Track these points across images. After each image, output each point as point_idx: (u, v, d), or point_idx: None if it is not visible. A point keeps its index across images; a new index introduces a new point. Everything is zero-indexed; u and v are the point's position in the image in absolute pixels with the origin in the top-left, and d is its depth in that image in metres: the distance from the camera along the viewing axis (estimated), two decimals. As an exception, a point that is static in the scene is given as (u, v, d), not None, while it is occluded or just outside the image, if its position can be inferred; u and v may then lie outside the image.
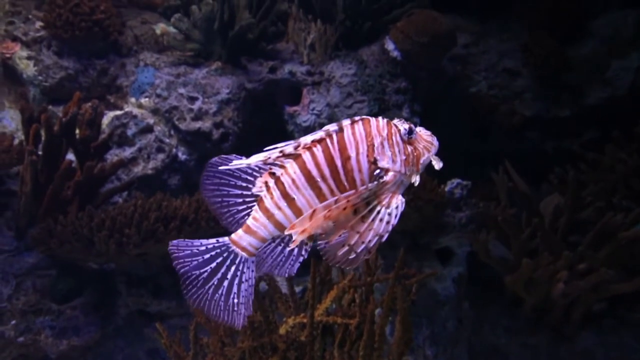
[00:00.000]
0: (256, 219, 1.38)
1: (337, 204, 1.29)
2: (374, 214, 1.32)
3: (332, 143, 1.32)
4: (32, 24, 4.11)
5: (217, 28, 3.80)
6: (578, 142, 4.05)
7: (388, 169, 1.33)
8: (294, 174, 1.33)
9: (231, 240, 1.41)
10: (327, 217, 1.29)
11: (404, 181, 1.37)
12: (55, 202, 3.12)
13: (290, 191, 1.34)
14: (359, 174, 1.33)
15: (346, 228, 1.32)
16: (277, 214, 1.36)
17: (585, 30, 4.26)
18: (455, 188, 3.35)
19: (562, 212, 3.37)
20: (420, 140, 1.38)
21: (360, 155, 1.33)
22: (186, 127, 3.68)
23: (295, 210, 1.34)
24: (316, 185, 1.33)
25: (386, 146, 1.33)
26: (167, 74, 3.83)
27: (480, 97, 4.09)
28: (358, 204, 1.31)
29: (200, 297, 1.43)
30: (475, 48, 4.22)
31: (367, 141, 1.33)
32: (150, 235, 2.77)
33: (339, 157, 1.32)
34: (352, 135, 1.33)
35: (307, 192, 1.33)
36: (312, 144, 1.32)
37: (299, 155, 1.33)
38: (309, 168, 1.32)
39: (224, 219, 1.43)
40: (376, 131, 1.34)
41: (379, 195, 1.33)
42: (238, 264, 1.41)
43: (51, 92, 3.92)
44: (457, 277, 3.34)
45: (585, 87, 4.11)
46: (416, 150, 1.37)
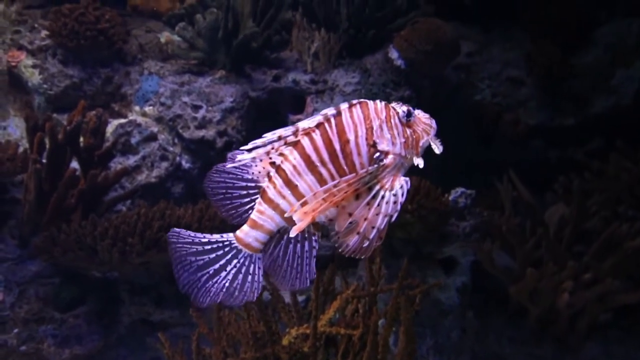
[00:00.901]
0: (261, 211, 1.35)
1: (337, 187, 1.27)
2: (379, 199, 1.30)
3: (331, 127, 1.31)
4: (37, 32, 4.14)
5: (221, 37, 3.81)
6: (582, 151, 4.03)
7: (387, 152, 1.32)
8: (294, 160, 1.32)
9: (236, 237, 1.38)
10: (329, 202, 1.28)
11: (404, 164, 1.35)
12: (58, 211, 3.13)
13: (292, 178, 1.32)
14: (358, 158, 1.32)
15: (351, 212, 1.30)
16: (282, 203, 1.33)
17: (589, 38, 4.26)
18: (459, 197, 3.34)
19: (567, 221, 3.35)
20: (419, 123, 1.37)
21: (359, 139, 1.32)
22: (190, 135, 3.69)
23: (299, 197, 1.32)
24: (316, 171, 1.32)
25: (385, 129, 1.33)
26: (171, 83, 3.84)
27: (484, 105, 4.08)
28: (359, 188, 1.30)
29: (192, 284, 1.41)
30: (479, 57, 4.22)
31: (366, 124, 1.32)
32: (153, 244, 2.77)
33: (337, 141, 1.31)
34: (350, 118, 1.32)
35: (308, 178, 1.32)
36: (310, 129, 1.31)
37: (297, 141, 1.32)
38: (308, 153, 1.31)
39: (232, 218, 1.41)
40: (374, 114, 1.33)
41: (379, 178, 1.32)
42: (240, 259, 1.39)
43: (56, 100, 3.94)
44: (461, 287, 3.32)
45: (589, 95, 4.10)
46: (415, 133, 1.36)
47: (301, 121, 1.33)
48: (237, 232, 1.39)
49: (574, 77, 4.09)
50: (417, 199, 2.95)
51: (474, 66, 4.18)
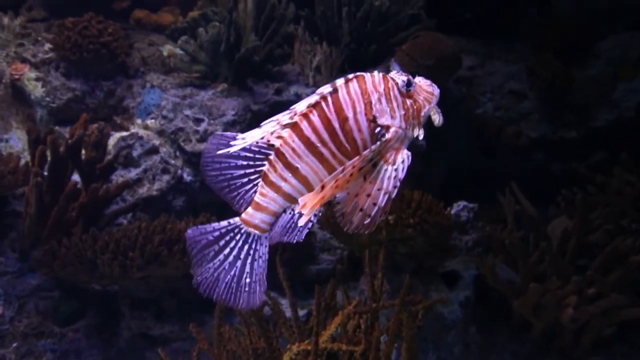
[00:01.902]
0: (264, 194, 1.34)
1: (344, 172, 1.24)
2: (382, 173, 1.28)
3: (328, 105, 1.28)
4: (41, 45, 4.17)
5: (224, 50, 3.83)
6: (585, 164, 4.02)
7: (388, 126, 1.29)
8: (293, 143, 1.29)
9: (242, 220, 1.37)
10: (338, 187, 1.25)
11: (407, 136, 1.32)
12: (59, 224, 3.12)
13: (292, 161, 1.30)
14: (359, 134, 1.29)
15: (359, 194, 1.28)
16: (284, 186, 1.32)
17: (591, 52, 4.27)
18: (461, 211, 3.33)
19: (571, 235, 3.33)
20: (420, 91, 1.34)
21: (358, 115, 1.28)
22: (192, 148, 3.68)
23: (300, 178, 1.31)
24: (317, 151, 1.29)
25: (384, 102, 1.29)
26: (173, 96, 3.85)
27: (486, 118, 4.08)
28: (365, 168, 1.27)
29: (213, 284, 1.39)
30: (481, 70, 4.23)
31: (364, 99, 1.29)
32: (153, 258, 2.76)
33: (336, 120, 1.28)
34: (347, 94, 1.29)
35: (309, 159, 1.29)
36: (308, 109, 1.28)
37: (295, 124, 1.29)
38: (307, 135, 1.28)
39: (234, 202, 1.39)
40: (372, 87, 1.30)
41: (383, 154, 1.29)
42: (251, 243, 1.38)
43: (58, 113, 3.95)
44: (463, 301, 3.29)
45: (592, 108, 4.10)
46: (416, 103, 1.33)
47: (298, 103, 1.30)
48: (242, 215, 1.37)
49: (576, 90, 4.09)
50: (419, 213, 2.93)
51: (476, 79, 4.19)
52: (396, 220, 2.92)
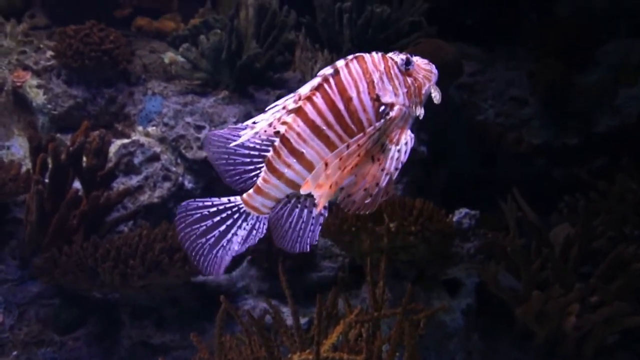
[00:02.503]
0: (266, 180, 1.33)
1: (348, 150, 1.23)
2: (386, 153, 1.28)
3: (331, 87, 1.27)
4: (43, 53, 4.18)
5: (225, 57, 3.83)
6: (587, 170, 4.01)
7: (392, 104, 1.29)
8: (298, 128, 1.28)
9: (243, 200, 1.37)
10: (344, 168, 1.24)
11: (410, 114, 1.32)
12: (60, 231, 3.12)
13: (297, 146, 1.28)
14: (364, 114, 1.28)
15: (364, 175, 1.26)
16: (287, 172, 1.31)
17: (592, 58, 4.27)
18: (463, 218, 3.32)
19: (573, 242, 3.31)
20: (419, 70, 1.34)
21: (362, 94, 1.28)
22: (193, 155, 3.68)
23: (305, 164, 1.29)
24: (323, 134, 1.27)
25: (386, 80, 1.29)
26: (174, 103, 3.86)
27: (487, 125, 4.08)
28: (371, 148, 1.26)
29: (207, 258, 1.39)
30: (482, 76, 4.23)
31: (366, 78, 1.28)
32: (154, 266, 2.75)
33: (340, 101, 1.27)
34: (349, 75, 1.28)
35: (315, 143, 1.28)
36: (311, 92, 1.27)
37: (299, 108, 1.27)
38: (312, 118, 1.27)
39: (236, 184, 1.39)
40: (373, 67, 1.29)
41: (388, 133, 1.28)
42: (249, 221, 1.38)
43: (60, 120, 3.95)
44: (465, 309, 3.28)
45: (593, 115, 4.10)
46: (417, 81, 1.32)
47: (301, 87, 1.29)
48: (243, 195, 1.37)
49: (577, 96, 4.08)
50: (421, 220, 2.92)
51: (477, 86, 4.19)
52: (398, 228, 2.91)
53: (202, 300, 3.30)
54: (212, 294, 3.34)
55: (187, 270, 2.84)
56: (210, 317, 2.96)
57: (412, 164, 3.68)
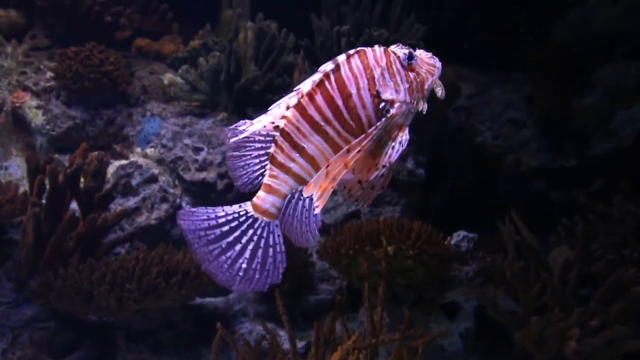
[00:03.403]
0: (274, 176, 1.32)
1: (351, 153, 1.23)
2: (382, 149, 1.28)
3: (330, 83, 1.27)
4: (43, 74, 4.20)
5: (224, 80, 3.86)
6: (585, 192, 4.01)
7: (393, 101, 1.28)
8: (297, 122, 1.28)
9: (253, 204, 1.34)
10: (346, 167, 1.24)
11: (411, 110, 1.30)
12: (56, 254, 3.09)
13: (298, 140, 1.28)
14: (363, 110, 1.27)
15: (362, 170, 1.27)
16: (293, 167, 1.30)
17: (589, 80, 4.30)
18: (461, 241, 3.31)
19: (572, 265, 3.29)
20: (422, 64, 1.32)
21: (362, 91, 1.27)
22: (191, 177, 3.68)
23: (308, 159, 1.29)
24: (322, 130, 1.27)
25: (387, 76, 1.28)
26: (173, 124, 3.87)
27: (485, 147, 4.09)
28: (372, 147, 1.26)
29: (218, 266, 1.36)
30: (480, 98, 4.26)
31: (367, 74, 1.27)
32: (151, 290, 2.73)
33: (339, 97, 1.26)
34: (349, 71, 1.27)
35: (314, 139, 1.28)
36: (312, 89, 1.27)
37: (298, 103, 1.27)
38: (311, 113, 1.27)
39: (244, 186, 1.38)
40: (374, 62, 1.28)
41: (388, 131, 1.28)
42: (257, 228, 1.35)
43: (58, 141, 3.96)
44: (464, 333, 3.25)
45: (590, 137, 4.11)
46: (419, 76, 1.30)
47: (302, 83, 1.29)
48: (253, 200, 1.35)
49: (574, 119, 4.10)
50: (419, 244, 2.91)
51: (475, 108, 4.21)
52: (395, 252, 2.89)
53: (199, 323, 3.27)
54: (208, 317, 3.31)
55: (184, 294, 2.82)
56: (207, 340, 2.92)
57: (410, 186, 3.68)
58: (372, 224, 3.06)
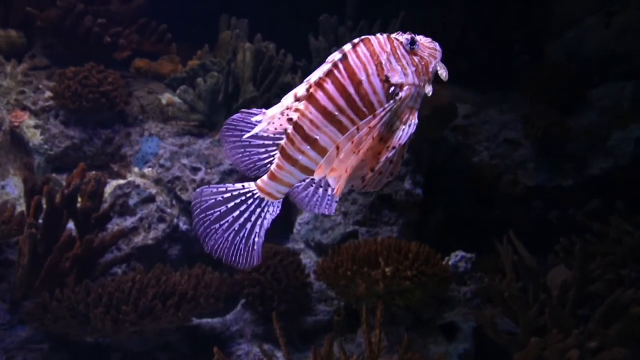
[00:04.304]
0: (280, 167, 1.34)
1: (360, 133, 1.24)
2: (393, 133, 1.29)
3: (340, 72, 1.28)
4: (42, 93, 4.21)
5: (222, 100, 3.88)
6: (582, 212, 4.02)
7: (402, 84, 1.29)
8: (310, 115, 1.28)
9: (257, 186, 1.39)
10: (358, 151, 1.24)
11: (420, 93, 1.32)
12: (52, 275, 3.07)
13: (311, 133, 1.29)
14: (374, 96, 1.29)
15: (375, 159, 1.28)
16: (301, 159, 1.32)
17: (585, 101, 4.34)
18: (459, 262, 3.30)
19: (571, 286, 3.28)
20: (424, 49, 1.34)
21: (371, 77, 1.29)
22: (188, 197, 3.68)
23: (319, 150, 1.30)
24: (336, 120, 1.28)
25: (393, 61, 1.30)
26: (171, 145, 3.88)
27: (482, 167, 4.10)
28: (382, 130, 1.27)
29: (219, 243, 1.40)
30: (477, 118, 4.28)
31: (374, 61, 1.29)
32: (147, 312, 2.70)
33: (350, 85, 1.28)
34: (357, 59, 1.29)
35: (328, 130, 1.29)
36: (322, 79, 1.28)
37: (310, 95, 1.28)
38: (324, 104, 1.28)
39: (250, 172, 1.41)
40: (380, 49, 1.30)
41: (399, 114, 1.29)
42: (264, 207, 1.40)
43: (56, 160, 3.96)
44: (463, 354, 3.22)
45: (587, 157, 4.13)
46: (423, 60, 1.33)
47: (311, 74, 1.31)
48: (257, 182, 1.38)
49: (571, 139, 4.12)
50: (417, 265, 2.90)
51: (472, 128, 4.23)
52: (394, 273, 2.88)
53: (196, 345, 3.24)
54: (205, 338, 3.28)
55: (181, 316, 2.80)
56: (203, 364, 2.89)
57: (408, 206, 3.68)
58: (370, 245, 3.05)
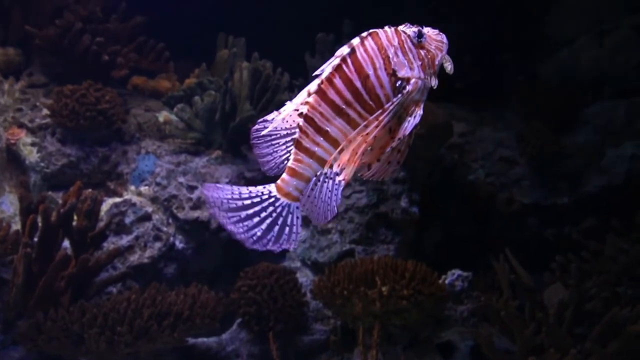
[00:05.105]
0: (299, 160, 1.36)
1: (368, 128, 1.28)
2: (401, 124, 1.32)
3: (348, 66, 1.31)
4: (39, 111, 4.22)
5: (219, 118, 3.89)
6: (578, 230, 4.03)
7: (409, 78, 1.32)
8: (320, 107, 1.32)
9: (277, 186, 1.40)
10: (365, 143, 1.28)
11: (426, 86, 1.35)
12: (47, 294, 3.05)
13: (322, 125, 1.33)
14: (381, 90, 1.32)
15: (382, 150, 1.31)
16: (317, 151, 1.35)
17: (579, 119, 4.38)
18: (456, 280, 3.30)
19: (567, 305, 3.28)
20: (430, 41, 1.37)
21: (379, 71, 1.32)
22: (184, 216, 3.68)
23: (331, 141, 1.34)
24: (343, 113, 1.32)
25: (400, 55, 1.33)
26: (167, 162, 3.88)
27: (478, 185, 4.12)
28: (389, 122, 1.30)
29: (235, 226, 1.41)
30: (472, 136, 4.31)
31: (381, 54, 1.32)
32: (142, 333, 2.68)
33: (357, 79, 1.31)
34: (364, 52, 1.32)
35: (337, 122, 1.32)
36: (330, 74, 1.31)
37: (319, 89, 1.32)
38: (331, 97, 1.31)
39: (270, 170, 1.43)
40: (387, 42, 1.33)
41: (406, 107, 1.32)
42: (277, 207, 1.40)
43: (52, 178, 3.95)
44: (461, 374, 3.20)
45: (582, 175, 4.16)
46: (429, 53, 1.35)
47: (321, 68, 1.34)
48: (277, 182, 1.40)
49: (565, 157, 4.15)
50: (414, 284, 2.90)
51: (467, 146, 4.26)
52: (390, 292, 2.88)
53: (191, 365, 3.21)
54: (201, 358, 3.25)
55: (176, 337, 2.78)
56: (199, 385, 2.87)
57: (404, 224, 3.68)
58: (366, 264, 3.05)
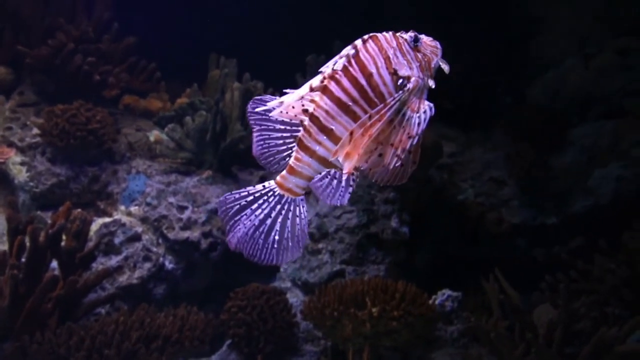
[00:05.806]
0: (299, 159, 1.40)
1: (371, 120, 1.32)
2: (410, 120, 1.36)
3: (352, 65, 1.37)
4: (29, 130, 4.20)
5: (210, 138, 3.91)
6: (566, 250, 4.06)
7: (409, 76, 1.38)
8: (325, 105, 1.36)
9: (277, 183, 1.43)
10: (368, 136, 1.32)
11: (425, 85, 1.41)
12: (33, 316, 3.01)
13: (327, 123, 1.36)
14: (384, 87, 1.38)
15: (395, 144, 1.34)
16: (319, 150, 1.38)
17: (566, 140, 4.44)
18: (446, 300, 3.30)
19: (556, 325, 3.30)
20: (426, 46, 1.44)
21: (381, 69, 1.38)
22: (174, 236, 3.66)
23: (335, 140, 1.37)
24: (350, 110, 1.36)
25: (400, 56, 1.39)
26: (158, 182, 3.88)
27: (467, 205, 4.16)
28: (393, 118, 1.35)
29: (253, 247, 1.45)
30: (461, 157, 4.36)
31: (382, 55, 1.38)
32: (130, 356, 2.65)
33: (362, 77, 1.36)
34: (367, 53, 1.38)
35: (343, 119, 1.36)
36: (335, 71, 1.36)
37: (324, 87, 1.36)
38: (338, 95, 1.36)
39: (270, 165, 1.47)
40: (387, 44, 1.39)
41: (408, 103, 1.37)
42: (283, 205, 1.44)
43: (41, 197, 3.93)
44: (451, 395, 3.19)
45: (569, 195, 4.21)
46: (425, 56, 1.43)
47: (324, 66, 1.37)
48: (277, 178, 1.43)
49: (553, 178, 4.21)
50: (404, 305, 2.90)
51: (457, 166, 4.30)
52: (380, 313, 2.88)
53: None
54: (189, 380, 3.21)
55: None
56: (187, 408, 2.83)
57: (394, 244, 3.70)
58: (356, 285, 3.05)
